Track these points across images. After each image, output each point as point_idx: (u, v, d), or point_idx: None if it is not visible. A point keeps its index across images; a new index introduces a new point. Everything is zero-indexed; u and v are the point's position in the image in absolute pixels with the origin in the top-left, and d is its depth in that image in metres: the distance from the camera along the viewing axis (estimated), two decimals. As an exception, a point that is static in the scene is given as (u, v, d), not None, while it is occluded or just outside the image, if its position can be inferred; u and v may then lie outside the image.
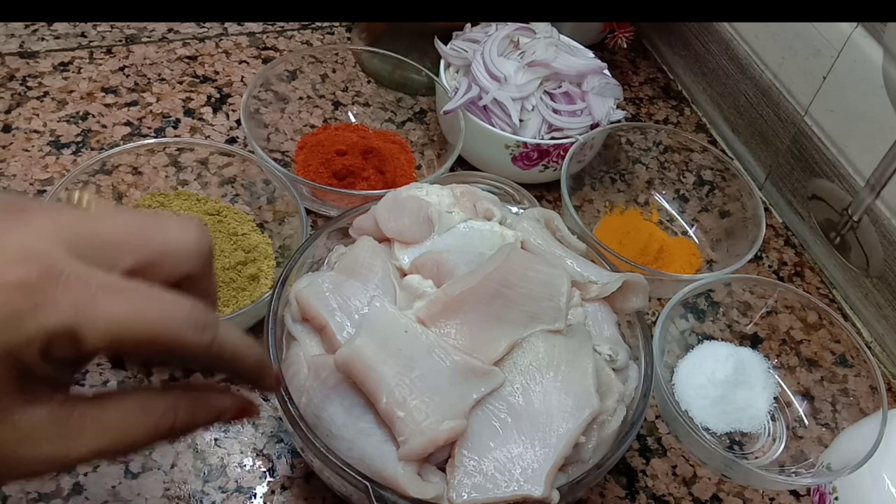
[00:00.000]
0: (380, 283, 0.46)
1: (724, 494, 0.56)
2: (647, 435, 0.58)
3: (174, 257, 0.30)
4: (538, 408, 0.42)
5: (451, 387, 0.41)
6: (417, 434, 0.39)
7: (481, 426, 0.41)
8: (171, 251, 0.30)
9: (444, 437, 0.39)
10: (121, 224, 0.30)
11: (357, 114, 0.75)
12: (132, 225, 0.30)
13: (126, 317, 0.27)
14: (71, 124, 0.70)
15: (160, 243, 0.30)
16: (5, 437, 0.26)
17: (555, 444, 0.41)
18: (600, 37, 0.85)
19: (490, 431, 0.41)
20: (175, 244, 0.30)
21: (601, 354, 0.46)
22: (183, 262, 0.31)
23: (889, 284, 0.64)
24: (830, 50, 0.66)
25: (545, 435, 0.41)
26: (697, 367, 0.60)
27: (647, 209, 0.73)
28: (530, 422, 0.41)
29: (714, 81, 0.83)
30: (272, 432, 0.54)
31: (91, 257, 0.28)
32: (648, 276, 0.54)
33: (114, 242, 0.29)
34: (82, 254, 0.27)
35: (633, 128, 0.72)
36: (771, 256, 0.73)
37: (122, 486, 0.50)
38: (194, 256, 0.31)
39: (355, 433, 0.41)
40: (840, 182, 0.67)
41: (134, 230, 0.30)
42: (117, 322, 0.27)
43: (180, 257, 0.31)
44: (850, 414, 0.56)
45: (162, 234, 0.30)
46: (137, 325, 0.27)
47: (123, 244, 0.29)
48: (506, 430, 0.41)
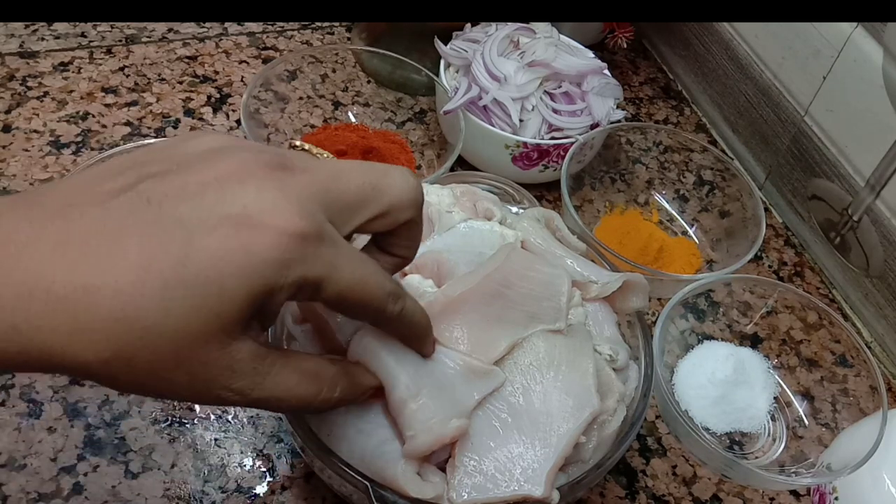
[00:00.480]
0: (380, 282, 0.46)
1: (724, 494, 0.56)
2: (647, 435, 0.58)
3: (398, 210, 0.34)
4: (538, 408, 0.42)
5: (454, 387, 0.41)
6: (426, 431, 0.39)
7: (482, 426, 0.41)
8: (395, 205, 0.34)
9: (451, 436, 0.39)
10: (357, 184, 0.33)
11: (357, 114, 0.75)
12: (367, 184, 0.33)
13: (356, 282, 0.32)
14: (71, 124, 0.70)
15: (388, 200, 0.34)
16: (218, 361, 0.29)
17: (555, 444, 0.41)
18: (600, 37, 0.85)
19: (490, 431, 0.41)
20: (399, 198, 0.34)
21: (601, 354, 0.46)
22: (405, 213, 0.35)
23: (889, 284, 0.64)
24: (830, 50, 0.66)
25: (545, 435, 0.41)
26: (697, 367, 0.60)
27: (647, 209, 0.73)
28: (531, 422, 0.41)
29: (714, 81, 0.83)
30: (272, 432, 0.54)
31: (334, 217, 0.32)
32: (648, 276, 0.54)
33: (353, 204, 0.33)
34: (331, 215, 0.31)
35: (633, 128, 0.72)
36: (771, 256, 0.73)
37: (122, 486, 0.50)
38: (413, 207, 0.35)
39: (355, 433, 0.41)
40: (840, 182, 0.67)
41: (368, 189, 0.33)
42: (348, 285, 0.31)
43: (403, 209, 0.35)
44: (850, 414, 0.56)
45: (389, 189, 0.34)
46: (360, 290, 0.32)
47: (360, 204, 0.33)
48: (506, 429, 0.41)
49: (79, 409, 0.53)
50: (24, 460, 0.50)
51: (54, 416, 0.52)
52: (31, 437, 0.51)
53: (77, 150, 0.68)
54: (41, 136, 0.68)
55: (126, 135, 0.70)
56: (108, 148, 0.68)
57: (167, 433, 0.52)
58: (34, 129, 0.68)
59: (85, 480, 0.50)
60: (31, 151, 0.67)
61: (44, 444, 0.51)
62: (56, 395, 0.53)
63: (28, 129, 0.68)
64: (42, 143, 0.68)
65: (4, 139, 0.67)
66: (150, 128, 0.71)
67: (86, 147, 0.68)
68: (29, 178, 0.65)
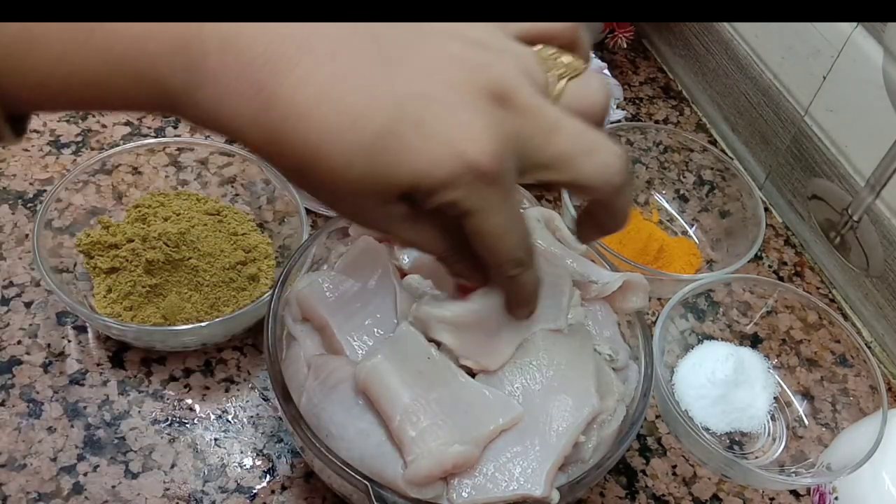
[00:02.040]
0: (380, 282, 0.46)
1: (724, 494, 0.56)
2: (647, 435, 0.58)
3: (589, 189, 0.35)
4: (538, 407, 0.42)
5: (467, 414, 0.40)
6: (426, 454, 0.38)
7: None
8: (585, 184, 0.34)
9: (452, 461, 0.39)
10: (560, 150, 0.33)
11: (357, 114, 0.75)
12: (566, 154, 0.33)
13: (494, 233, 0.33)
14: (71, 124, 0.70)
15: (576, 176, 0.34)
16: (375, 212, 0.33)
17: (555, 444, 0.41)
18: (600, 37, 0.85)
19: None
20: (590, 178, 0.34)
21: (601, 354, 0.46)
22: (596, 193, 0.35)
23: (889, 284, 0.64)
24: (830, 50, 0.66)
25: (545, 434, 0.41)
26: (697, 367, 0.59)
27: (647, 209, 0.73)
28: (530, 421, 0.41)
29: (714, 81, 0.83)
30: (272, 432, 0.54)
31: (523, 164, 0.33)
32: (648, 276, 0.54)
33: (545, 164, 0.33)
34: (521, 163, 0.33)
35: (633, 128, 0.72)
36: (771, 256, 0.73)
37: (122, 485, 0.50)
38: (608, 188, 0.35)
39: (355, 433, 0.41)
40: (840, 182, 0.67)
41: (566, 159, 0.33)
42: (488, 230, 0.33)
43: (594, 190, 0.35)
44: (850, 414, 0.56)
45: (583, 168, 0.34)
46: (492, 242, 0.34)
47: (550, 167, 0.34)
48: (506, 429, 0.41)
49: (79, 409, 0.53)
50: (24, 460, 0.50)
51: (54, 416, 0.52)
52: (31, 437, 0.51)
53: (77, 149, 0.68)
54: (41, 136, 0.68)
55: (126, 134, 0.70)
56: (108, 148, 0.68)
57: (167, 433, 0.52)
58: (34, 129, 0.68)
59: (85, 480, 0.50)
60: (31, 151, 0.67)
61: (44, 444, 0.51)
62: (56, 395, 0.53)
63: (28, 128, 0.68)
64: (42, 143, 0.68)
65: (4, 139, 0.67)
66: (151, 127, 0.71)
67: (86, 147, 0.68)
68: (29, 177, 0.65)
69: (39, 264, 0.52)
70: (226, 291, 0.57)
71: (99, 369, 0.55)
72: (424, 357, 0.41)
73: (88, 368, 0.55)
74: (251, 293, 0.57)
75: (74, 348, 0.56)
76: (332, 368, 0.43)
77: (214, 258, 0.57)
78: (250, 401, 0.55)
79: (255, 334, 0.58)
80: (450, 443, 0.39)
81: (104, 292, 0.56)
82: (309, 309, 0.46)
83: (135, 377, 0.55)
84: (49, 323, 0.56)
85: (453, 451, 0.39)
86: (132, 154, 0.61)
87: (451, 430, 0.39)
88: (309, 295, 0.46)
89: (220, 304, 0.56)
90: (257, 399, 0.55)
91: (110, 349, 0.56)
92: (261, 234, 0.62)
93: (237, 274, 0.58)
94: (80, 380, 0.54)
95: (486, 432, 0.40)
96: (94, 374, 0.54)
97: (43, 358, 0.55)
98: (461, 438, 0.39)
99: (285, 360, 0.46)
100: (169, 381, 0.55)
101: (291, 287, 0.48)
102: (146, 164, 0.62)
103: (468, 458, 0.39)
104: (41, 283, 0.58)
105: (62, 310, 0.57)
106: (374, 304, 0.46)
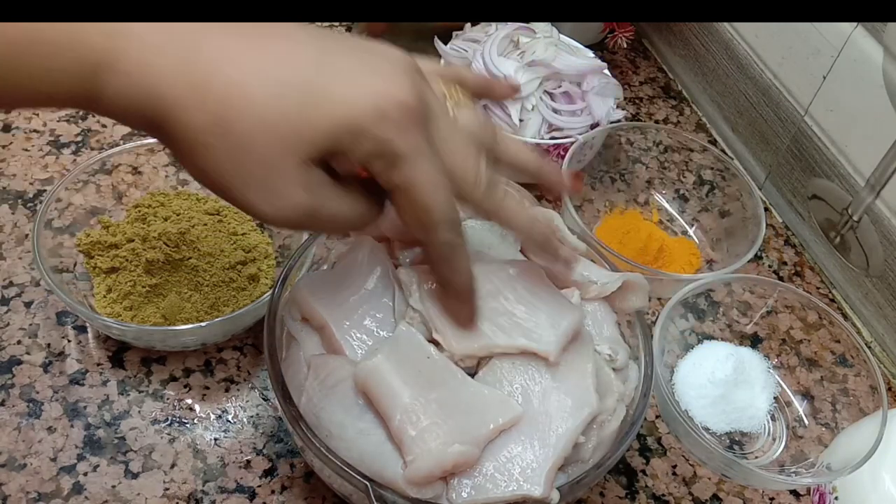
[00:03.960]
0: (379, 282, 0.46)
1: (724, 494, 0.56)
2: (647, 435, 0.58)
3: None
4: (537, 407, 0.42)
5: (467, 414, 0.40)
6: (426, 454, 0.38)
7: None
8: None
9: (452, 461, 0.39)
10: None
11: (357, 114, 0.75)
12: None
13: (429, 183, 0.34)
14: (71, 124, 0.70)
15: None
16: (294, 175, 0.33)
17: (554, 444, 0.41)
18: (600, 37, 0.85)
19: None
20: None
21: (601, 354, 0.46)
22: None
23: (889, 284, 0.64)
24: (830, 50, 0.66)
25: (544, 434, 0.41)
26: (697, 366, 0.59)
27: (647, 209, 0.73)
28: (529, 421, 0.41)
29: (714, 81, 0.83)
30: (272, 432, 0.54)
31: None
32: (648, 275, 0.54)
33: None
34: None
35: (632, 127, 0.72)
36: (771, 256, 0.73)
37: (122, 485, 0.50)
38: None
39: (355, 433, 0.41)
40: (840, 182, 0.67)
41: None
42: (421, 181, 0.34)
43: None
44: (850, 414, 0.56)
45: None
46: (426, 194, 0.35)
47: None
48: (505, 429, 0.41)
49: (79, 409, 0.53)
50: (24, 460, 0.50)
51: (54, 416, 0.52)
52: (31, 437, 0.51)
53: (77, 149, 0.68)
54: (41, 136, 0.68)
55: (126, 134, 0.70)
56: (108, 147, 0.68)
57: (167, 433, 0.52)
58: (34, 129, 0.68)
59: (85, 480, 0.50)
60: (31, 151, 0.67)
61: (44, 444, 0.51)
62: (56, 395, 0.53)
63: (28, 128, 0.68)
64: (42, 142, 0.68)
65: (4, 139, 0.67)
66: (150, 128, 0.71)
67: (86, 147, 0.68)
68: (29, 177, 0.65)
69: (39, 264, 0.52)
70: (226, 291, 0.57)
71: (99, 369, 0.55)
72: (424, 357, 0.42)
73: (88, 368, 0.55)
74: (251, 293, 0.57)
75: (74, 348, 0.56)
76: (331, 368, 0.43)
77: (214, 258, 0.57)
78: (250, 401, 0.55)
79: (255, 334, 0.58)
80: (449, 443, 0.39)
81: (104, 292, 0.56)
82: (309, 309, 0.46)
83: (135, 377, 0.55)
84: (49, 323, 0.57)
85: (453, 451, 0.39)
86: (132, 154, 0.61)
87: (451, 429, 0.39)
88: (309, 295, 0.46)
89: (220, 304, 0.56)
90: (257, 399, 0.55)
91: (110, 349, 0.56)
92: (261, 234, 0.62)
93: (237, 274, 0.58)
94: (80, 380, 0.54)
95: (485, 432, 0.40)
96: (94, 374, 0.54)
97: (43, 358, 0.55)
98: (461, 438, 0.39)
99: (285, 360, 0.46)
100: (169, 381, 0.55)
101: (291, 287, 0.48)
102: (146, 164, 0.62)
103: (468, 457, 0.39)
104: (41, 283, 0.58)
105: (62, 310, 0.57)
106: (373, 304, 0.46)
